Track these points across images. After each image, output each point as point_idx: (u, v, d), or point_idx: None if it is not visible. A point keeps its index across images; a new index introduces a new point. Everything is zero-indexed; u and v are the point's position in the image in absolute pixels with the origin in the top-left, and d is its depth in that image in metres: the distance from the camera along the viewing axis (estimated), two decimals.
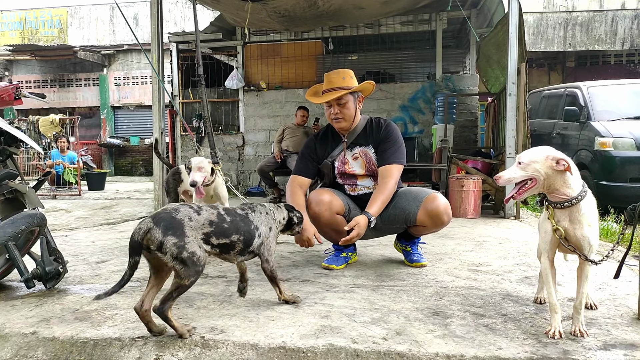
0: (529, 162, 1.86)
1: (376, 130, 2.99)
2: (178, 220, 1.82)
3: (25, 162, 10.14)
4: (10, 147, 2.73)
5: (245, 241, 2.04)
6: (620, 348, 1.78)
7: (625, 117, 6.14)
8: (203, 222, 1.89)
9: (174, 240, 1.78)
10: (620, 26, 12.64)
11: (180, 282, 1.82)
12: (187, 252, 1.79)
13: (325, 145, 3.08)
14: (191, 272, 1.81)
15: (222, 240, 1.95)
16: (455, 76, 7.98)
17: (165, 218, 1.81)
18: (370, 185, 3.01)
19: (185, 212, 1.86)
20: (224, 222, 1.96)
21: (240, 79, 8.33)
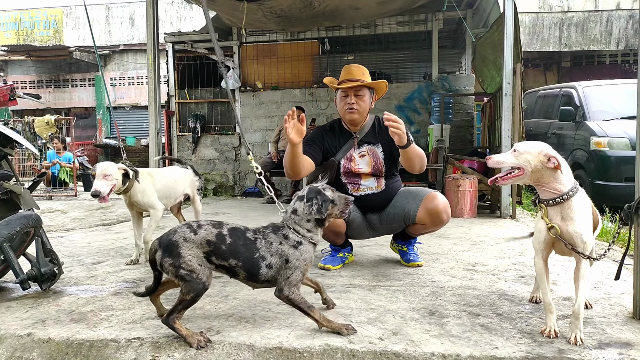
0: (522, 152, 1.90)
1: (385, 128, 2.91)
2: (173, 242, 1.86)
3: (21, 163, 10.09)
4: (5, 148, 2.72)
5: (247, 270, 1.90)
6: (615, 347, 1.79)
7: (620, 116, 6.17)
8: (200, 242, 1.87)
9: (170, 261, 1.84)
10: (615, 26, 12.70)
11: (182, 297, 1.85)
12: (184, 270, 1.82)
13: (332, 138, 2.98)
14: (190, 288, 1.83)
15: (221, 262, 1.89)
16: (451, 76, 8.00)
17: (164, 240, 1.88)
18: (373, 186, 2.97)
19: (181, 234, 1.87)
20: (223, 244, 1.88)
21: (237, 79, 8.32)
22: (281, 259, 1.92)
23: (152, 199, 3.19)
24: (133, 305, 2.32)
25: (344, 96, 2.89)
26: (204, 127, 8.60)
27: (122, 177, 3.00)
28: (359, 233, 3.08)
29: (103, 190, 2.87)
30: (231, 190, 8.50)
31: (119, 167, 3.00)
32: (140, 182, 3.12)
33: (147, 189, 3.17)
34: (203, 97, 8.77)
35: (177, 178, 3.56)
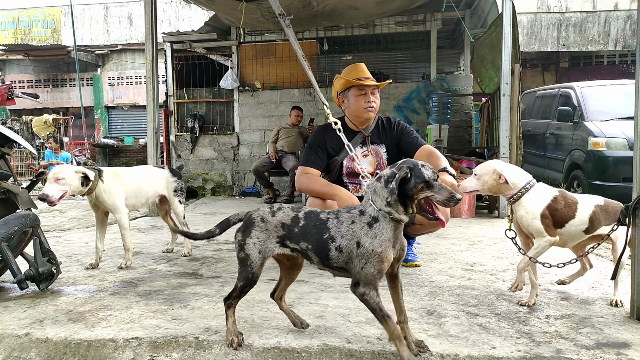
0: (480, 175, 2.31)
1: (389, 129, 2.94)
2: (252, 219, 1.83)
3: (19, 163, 10.07)
4: (3, 148, 2.72)
5: (318, 252, 1.72)
6: (612, 347, 1.79)
7: (618, 117, 6.17)
8: (276, 225, 1.79)
9: (240, 237, 1.82)
10: (613, 27, 12.72)
11: (236, 282, 1.83)
12: (244, 252, 1.79)
13: (334, 137, 2.86)
14: (242, 274, 1.80)
15: (295, 245, 1.78)
16: (449, 76, 8.00)
17: (247, 215, 1.87)
18: None
19: (261, 212, 1.84)
20: (296, 226, 1.77)
21: (235, 79, 8.31)
22: (352, 240, 1.66)
23: (116, 200, 3.09)
24: (131, 305, 2.31)
25: (362, 94, 2.84)
26: (202, 126, 8.58)
27: (80, 179, 2.92)
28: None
29: (52, 195, 2.78)
30: (229, 190, 8.49)
31: (76, 170, 2.92)
32: (105, 182, 3.05)
33: (112, 188, 3.08)
34: (202, 97, 8.76)
35: (149, 178, 3.42)
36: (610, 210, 2.25)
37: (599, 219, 2.24)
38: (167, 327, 2.00)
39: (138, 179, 3.32)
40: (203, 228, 4.68)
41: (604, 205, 2.27)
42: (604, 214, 2.25)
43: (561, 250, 3.25)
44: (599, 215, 2.24)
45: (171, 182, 3.51)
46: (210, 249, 3.70)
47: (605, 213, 2.25)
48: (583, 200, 2.28)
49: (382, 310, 1.68)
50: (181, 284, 2.69)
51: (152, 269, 3.04)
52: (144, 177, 3.39)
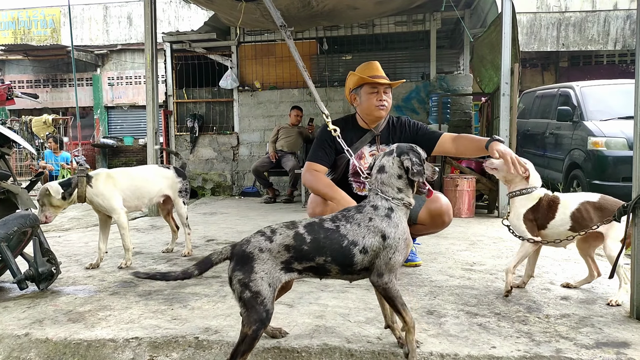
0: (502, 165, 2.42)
1: (400, 129, 2.90)
2: (247, 254, 1.60)
3: (18, 163, 10.07)
4: (2, 148, 2.72)
5: (339, 263, 1.63)
6: (612, 346, 1.79)
7: (617, 116, 6.17)
8: (278, 250, 1.60)
9: (240, 276, 1.59)
10: (612, 26, 12.72)
11: (244, 332, 1.55)
12: (249, 291, 1.56)
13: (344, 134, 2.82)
14: (253, 317, 1.55)
15: (307, 264, 1.63)
16: (449, 76, 8.00)
17: (237, 251, 1.63)
18: None
19: (255, 243, 1.61)
20: (303, 244, 1.61)
21: (235, 79, 8.31)
22: (376, 237, 1.64)
23: (111, 202, 3.08)
24: (131, 305, 2.31)
25: (375, 93, 2.80)
26: (202, 126, 8.58)
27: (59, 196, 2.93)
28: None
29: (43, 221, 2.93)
30: (229, 190, 8.49)
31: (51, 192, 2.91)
32: (94, 186, 3.02)
33: (105, 191, 3.06)
34: (201, 97, 8.76)
35: (150, 178, 3.37)
36: (605, 207, 2.26)
37: (585, 217, 2.27)
38: (167, 327, 2.00)
39: (137, 179, 3.29)
40: (203, 228, 4.71)
41: (596, 203, 2.30)
42: (597, 211, 2.27)
43: (568, 252, 3.26)
44: (584, 214, 2.27)
45: (176, 182, 3.49)
46: (210, 249, 3.70)
47: (599, 211, 2.27)
48: (568, 198, 2.36)
49: (401, 298, 1.68)
50: (181, 284, 2.68)
51: (151, 269, 3.04)
52: (146, 177, 3.37)
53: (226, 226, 4.82)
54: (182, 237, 3.67)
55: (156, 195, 3.41)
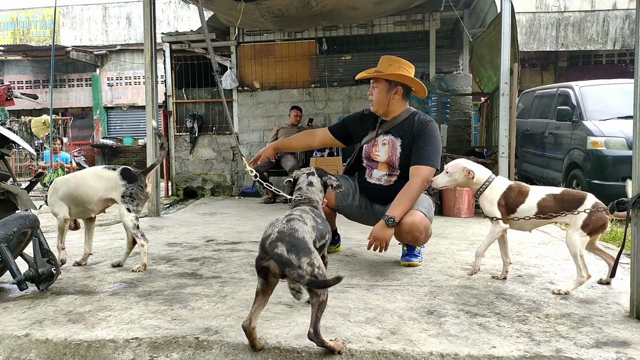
0: (451, 172, 2.63)
1: (411, 125, 2.98)
2: (301, 238, 1.75)
3: (18, 164, 10.07)
4: (2, 148, 2.72)
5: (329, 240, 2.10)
6: (612, 346, 1.80)
7: (617, 116, 6.18)
8: (311, 231, 1.87)
9: (308, 260, 1.69)
10: (611, 26, 12.74)
11: (320, 300, 1.70)
12: (317, 267, 1.70)
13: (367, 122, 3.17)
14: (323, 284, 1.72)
15: (322, 241, 1.98)
16: (448, 76, 8.01)
17: (290, 240, 1.72)
18: (384, 179, 3.05)
19: (299, 228, 1.79)
20: (319, 225, 1.98)
21: (234, 79, 8.31)
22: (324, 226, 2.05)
23: (54, 209, 3.12)
24: (131, 305, 2.31)
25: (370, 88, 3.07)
26: (201, 127, 8.58)
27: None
28: (364, 219, 3.21)
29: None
30: (229, 190, 8.49)
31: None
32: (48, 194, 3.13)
33: (50, 199, 3.13)
34: (201, 97, 8.76)
35: (89, 182, 3.07)
36: (566, 199, 2.48)
37: (550, 206, 2.47)
38: (167, 327, 2.00)
39: (74, 184, 3.09)
40: (202, 228, 4.71)
41: (558, 195, 2.50)
42: (558, 202, 2.47)
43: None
44: (549, 203, 2.48)
45: (120, 185, 3.00)
46: (210, 249, 3.70)
47: (560, 202, 2.47)
48: (535, 190, 2.57)
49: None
50: (181, 284, 2.68)
51: (151, 270, 3.04)
52: (84, 181, 3.10)
53: (226, 226, 4.82)
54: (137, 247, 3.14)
55: (98, 201, 3.06)
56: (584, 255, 2.43)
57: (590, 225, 2.38)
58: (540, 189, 2.61)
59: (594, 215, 2.37)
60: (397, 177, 3.02)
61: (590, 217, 2.37)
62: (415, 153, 2.91)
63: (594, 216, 2.37)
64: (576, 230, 2.40)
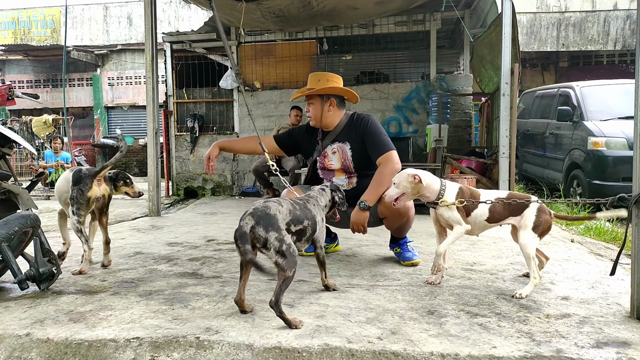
0: (398, 182, 2.55)
1: (354, 126, 3.12)
2: (272, 216, 1.99)
3: (18, 163, 10.07)
4: (3, 148, 2.72)
5: (312, 227, 2.23)
6: (612, 346, 1.80)
7: (617, 116, 6.19)
8: (286, 213, 2.07)
9: (275, 234, 1.95)
10: (612, 26, 12.73)
11: (284, 275, 1.94)
12: (285, 244, 1.95)
13: (311, 136, 3.25)
14: (291, 263, 1.95)
15: (299, 226, 2.14)
16: (449, 76, 8.00)
17: (261, 216, 1.98)
18: (344, 183, 3.13)
19: (274, 207, 2.03)
20: (296, 210, 2.15)
21: (235, 79, 8.31)
22: (320, 216, 2.32)
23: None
24: (132, 305, 2.32)
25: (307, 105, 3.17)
26: (202, 127, 8.58)
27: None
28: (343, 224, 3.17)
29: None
30: (229, 190, 8.49)
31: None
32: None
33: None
34: (201, 97, 8.76)
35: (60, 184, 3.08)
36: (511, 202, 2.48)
37: (499, 211, 2.49)
38: (168, 327, 2.01)
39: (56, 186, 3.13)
40: (203, 228, 4.72)
41: (505, 198, 2.50)
42: (505, 206, 2.48)
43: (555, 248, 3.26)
44: (498, 207, 2.49)
45: (70, 187, 2.92)
46: (211, 249, 3.70)
47: (507, 205, 2.48)
48: (484, 193, 2.57)
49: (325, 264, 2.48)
50: (181, 284, 2.69)
51: (152, 269, 3.04)
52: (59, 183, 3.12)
53: (226, 226, 4.83)
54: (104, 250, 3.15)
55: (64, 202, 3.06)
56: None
57: (540, 227, 2.43)
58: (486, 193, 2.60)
59: (542, 218, 2.43)
60: (357, 179, 3.11)
61: (539, 219, 2.43)
62: (371, 148, 3.00)
63: (542, 218, 2.43)
64: (526, 230, 2.43)
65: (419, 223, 4.88)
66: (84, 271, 2.93)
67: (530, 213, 2.45)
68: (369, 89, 7.89)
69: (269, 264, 2.02)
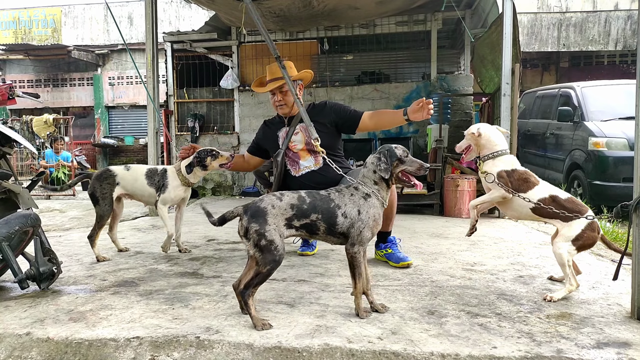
0: (466, 134, 2.69)
1: (320, 110, 3.24)
2: (262, 209, 1.98)
3: (19, 163, 10.07)
4: (4, 147, 2.72)
5: (326, 220, 2.05)
6: (613, 346, 1.80)
7: (618, 117, 6.18)
8: (285, 207, 2.01)
9: (256, 227, 1.95)
10: (613, 27, 12.71)
11: (258, 269, 1.95)
12: (265, 240, 1.93)
13: (274, 129, 3.35)
14: (268, 259, 1.93)
15: (304, 220, 2.04)
16: (449, 76, 8.00)
17: (252, 207, 2.00)
18: (311, 164, 3.17)
19: (268, 201, 2.01)
20: (304, 204, 2.04)
21: (235, 79, 8.31)
22: (354, 208, 2.07)
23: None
24: (132, 304, 2.32)
25: (272, 95, 3.27)
26: (202, 126, 8.59)
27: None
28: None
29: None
30: (230, 189, 8.49)
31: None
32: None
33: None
34: (202, 97, 8.76)
35: None
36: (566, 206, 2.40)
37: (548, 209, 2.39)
38: (168, 326, 2.01)
39: None
40: (203, 228, 4.71)
41: (561, 199, 2.43)
42: (558, 207, 2.39)
43: None
44: (547, 203, 2.41)
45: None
46: (211, 248, 3.70)
47: (556, 204, 2.40)
48: (543, 186, 2.50)
49: (360, 268, 2.09)
50: (182, 283, 2.69)
51: (152, 269, 3.04)
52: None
53: (227, 226, 4.80)
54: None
55: None
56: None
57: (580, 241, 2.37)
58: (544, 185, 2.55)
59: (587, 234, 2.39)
60: (322, 158, 3.08)
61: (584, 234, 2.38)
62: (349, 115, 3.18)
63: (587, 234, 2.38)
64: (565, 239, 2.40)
65: (420, 223, 4.88)
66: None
67: (579, 225, 2.35)
68: (370, 89, 7.89)
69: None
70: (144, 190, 3.36)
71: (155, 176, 3.37)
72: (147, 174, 3.39)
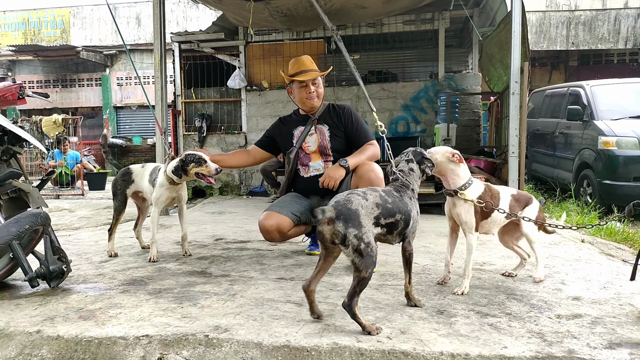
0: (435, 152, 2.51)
1: (335, 114, 3.22)
2: (354, 211, 1.88)
3: (29, 162, 10.16)
4: (14, 147, 2.74)
5: (405, 221, 2.08)
6: (625, 347, 1.78)
7: (628, 116, 6.11)
8: (372, 207, 1.95)
9: (355, 232, 1.85)
10: (623, 25, 12.59)
11: (360, 276, 1.85)
12: (364, 242, 1.84)
13: (290, 126, 3.30)
14: (368, 262, 1.85)
15: (389, 219, 2.00)
16: (457, 75, 7.96)
17: (343, 210, 1.87)
18: (321, 167, 3.16)
19: (356, 202, 1.91)
20: (387, 203, 2.01)
21: (243, 79, 8.33)
22: (414, 208, 2.16)
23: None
24: (141, 303, 2.32)
25: (303, 86, 3.18)
26: (210, 126, 8.61)
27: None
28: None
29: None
30: (237, 189, 8.51)
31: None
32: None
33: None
34: (209, 97, 8.78)
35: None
36: (521, 199, 2.66)
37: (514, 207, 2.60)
38: (177, 325, 2.01)
39: None
40: (211, 227, 4.73)
41: (516, 195, 2.66)
42: (517, 202, 2.62)
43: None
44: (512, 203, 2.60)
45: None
46: (219, 248, 3.71)
47: (517, 202, 2.62)
48: (501, 190, 2.64)
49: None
50: (190, 282, 2.69)
51: (161, 268, 3.05)
52: None
53: (234, 225, 4.83)
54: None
55: None
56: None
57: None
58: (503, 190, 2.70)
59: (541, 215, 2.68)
60: (332, 163, 3.10)
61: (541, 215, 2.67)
62: (357, 132, 3.15)
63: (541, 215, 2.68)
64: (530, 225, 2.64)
65: (428, 222, 4.86)
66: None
67: (533, 209, 2.64)
68: (377, 88, 7.86)
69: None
70: (147, 188, 3.37)
71: (154, 174, 3.36)
72: (151, 172, 3.40)
